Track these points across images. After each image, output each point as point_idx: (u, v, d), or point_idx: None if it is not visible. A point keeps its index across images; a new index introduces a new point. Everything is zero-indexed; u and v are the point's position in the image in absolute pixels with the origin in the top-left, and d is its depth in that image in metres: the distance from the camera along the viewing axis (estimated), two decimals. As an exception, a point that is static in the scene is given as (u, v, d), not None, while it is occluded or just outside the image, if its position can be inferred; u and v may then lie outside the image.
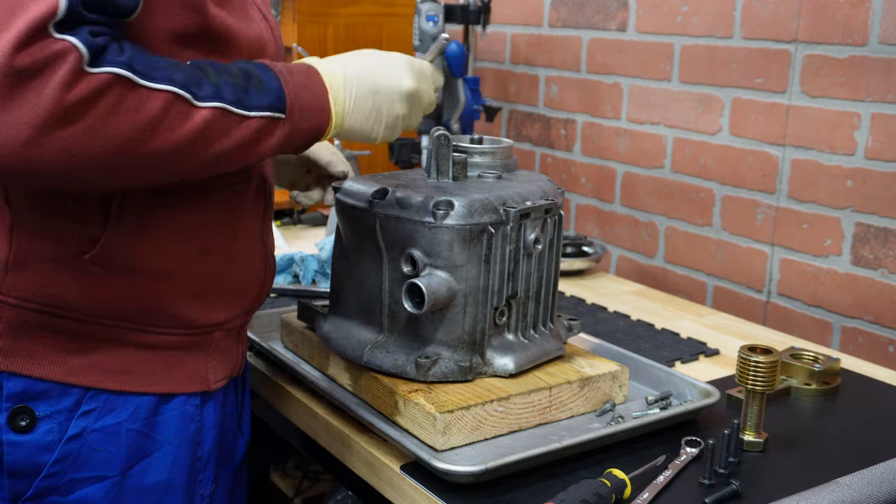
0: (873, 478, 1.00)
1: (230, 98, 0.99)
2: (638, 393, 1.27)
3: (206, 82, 0.98)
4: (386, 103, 1.15)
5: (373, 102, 1.14)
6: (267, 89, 1.03)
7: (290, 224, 2.09)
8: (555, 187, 1.25)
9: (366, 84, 1.14)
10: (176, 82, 0.95)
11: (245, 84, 1.02)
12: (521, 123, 2.34)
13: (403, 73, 1.17)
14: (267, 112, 1.03)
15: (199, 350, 1.15)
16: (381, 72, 1.16)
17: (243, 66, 1.04)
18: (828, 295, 1.70)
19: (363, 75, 1.14)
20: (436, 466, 1.01)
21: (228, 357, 1.20)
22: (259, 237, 1.20)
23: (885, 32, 1.57)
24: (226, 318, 1.17)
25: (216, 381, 1.17)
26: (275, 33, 1.20)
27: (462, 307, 1.14)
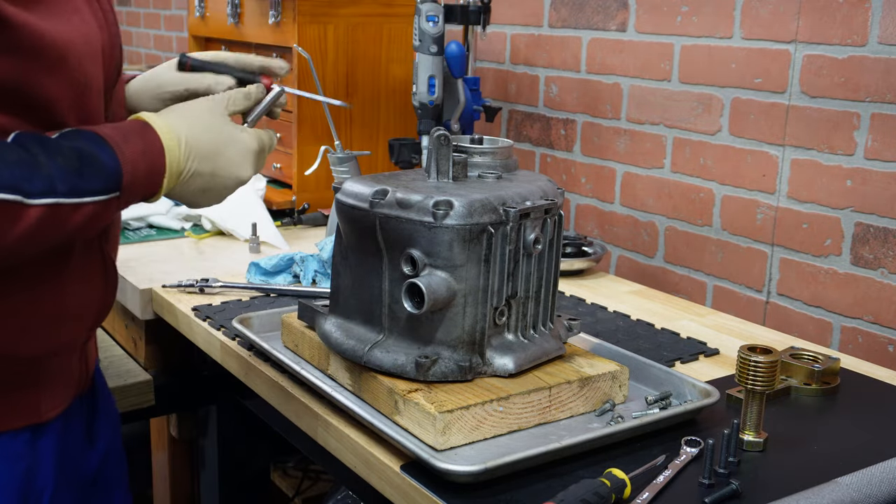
0: (873, 478, 1.00)
1: (63, 189, 0.93)
2: (638, 393, 1.27)
3: (38, 175, 0.91)
4: (220, 185, 1.11)
5: (206, 182, 1.09)
6: (102, 169, 0.96)
7: (289, 224, 2.09)
8: (555, 187, 1.25)
9: (206, 162, 1.08)
10: (3, 184, 0.88)
11: (78, 166, 0.94)
12: (521, 123, 2.34)
13: (245, 163, 1.13)
14: (102, 196, 0.97)
15: (26, 383, 1.06)
16: (224, 154, 1.10)
17: (76, 144, 0.96)
18: (827, 295, 1.70)
19: (205, 152, 1.08)
20: (435, 466, 1.01)
21: (68, 380, 1.12)
22: (98, 250, 1.12)
23: (884, 32, 1.57)
24: (61, 345, 1.08)
25: (50, 409, 1.09)
26: (108, 20, 1.09)
27: (462, 307, 1.14)
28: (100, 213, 0.98)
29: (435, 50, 1.89)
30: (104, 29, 1.07)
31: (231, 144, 1.12)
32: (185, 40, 3.90)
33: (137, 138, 1.01)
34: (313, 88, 2.08)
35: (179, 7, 4.00)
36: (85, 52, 1.02)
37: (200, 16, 2.47)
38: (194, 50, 2.56)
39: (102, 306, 1.15)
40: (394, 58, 2.22)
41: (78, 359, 1.15)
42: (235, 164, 1.11)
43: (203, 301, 1.62)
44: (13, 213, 0.89)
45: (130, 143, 1.00)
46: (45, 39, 0.95)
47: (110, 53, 1.09)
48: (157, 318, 1.69)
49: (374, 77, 2.20)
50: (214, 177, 1.10)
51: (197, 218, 2.05)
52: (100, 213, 0.98)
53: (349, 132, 2.19)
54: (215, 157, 1.09)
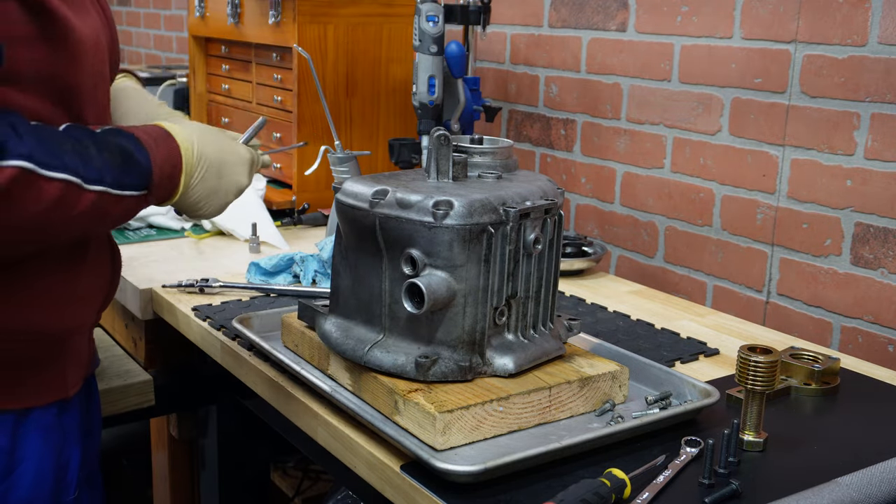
0: (873, 478, 1.00)
1: (109, 180, 1.03)
2: (638, 393, 1.27)
3: (91, 164, 1.01)
4: (224, 190, 1.19)
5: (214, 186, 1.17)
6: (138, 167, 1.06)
7: (290, 224, 2.09)
8: (555, 187, 1.25)
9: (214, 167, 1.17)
10: (68, 166, 0.98)
11: (121, 162, 1.04)
12: (521, 123, 2.34)
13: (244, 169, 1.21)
14: (137, 192, 1.07)
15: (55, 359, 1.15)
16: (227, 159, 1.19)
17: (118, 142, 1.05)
18: (827, 295, 1.70)
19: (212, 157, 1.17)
20: (435, 466, 1.01)
21: (82, 360, 1.21)
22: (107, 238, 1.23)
23: (884, 32, 1.57)
24: (79, 322, 1.17)
25: (73, 385, 1.18)
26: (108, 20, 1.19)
27: (462, 307, 1.14)
28: (133, 209, 1.08)
29: (435, 50, 1.89)
30: (106, 27, 1.16)
31: (232, 153, 1.21)
32: (185, 40, 3.90)
33: (164, 144, 1.11)
34: (313, 88, 2.08)
35: (179, 7, 4.00)
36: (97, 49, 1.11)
37: (200, 16, 2.47)
38: (195, 49, 2.56)
39: (110, 289, 1.24)
40: (394, 58, 2.22)
41: (88, 340, 1.24)
42: (236, 171, 1.20)
43: (203, 301, 1.62)
44: (74, 195, 0.99)
45: (160, 147, 1.10)
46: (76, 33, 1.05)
47: (112, 50, 1.19)
48: (157, 318, 1.69)
49: (374, 77, 2.20)
50: (219, 181, 1.18)
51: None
52: (133, 209, 1.08)
53: (349, 132, 2.19)
54: (220, 164, 1.18)
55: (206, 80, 2.59)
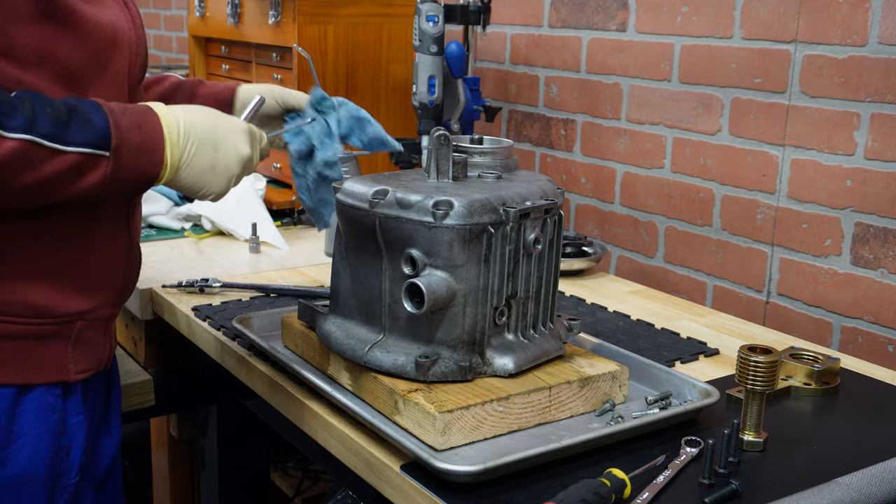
0: (873, 478, 1.00)
1: (44, 131, 1.00)
2: (638, 393, 1.27)
3: (19, 114, 0.99)
4: (223, 162, 1.16)
5: (211, 159, 1.15)
6: (91, 126, 1.04)
7: (290, 224, 2.09)
8: (555, 187, 1.25)
9: (207, 139, 1.15)
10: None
11: (66, 119, 1.02)
12: (521, 123, 2.34)
13: (242, 138, 1.18)
14: (86, 149, 1.04)
15: (58, 339, 1.15)
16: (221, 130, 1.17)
17: (71, 102, 1.05)
18: (827, 295, 1.70)
19: (204, 130, 1.14)
20: (435, 466, 1.01)
21: (94, 349, 1.21)
22: (124, 228, 1.21)
23: (884, 32, 1.57)
24: (88, 308, 1.17)
25: (78, 372, 1.18)
26: (135, 22, 1.20)
27: (462, 307, 1.14)
28: (83, 168, 1.04)
29: (435, 50, 1.89)
30: (132, 28, 1.18)
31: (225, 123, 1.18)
32: (185, 40, 3.90)
33: (135, 115, 1.09)
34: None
35: (179, 7, 4.00)
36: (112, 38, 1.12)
37: (200, 16, 2.47)
38: (195, 49, 2.56)
39: (126, 282, 1.24)
40: (394, 58, 2.22)
41: (103, 333, 1.23)
42: (233, 140, 1.17)
43: (203, 301, 1.62)
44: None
45: (127, 115, 1.08)
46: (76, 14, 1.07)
47: (137, 51, 1.20)
48: (157, 318, 1.69)
49: (374, 77, 2.20)
50: (216, 154, 1.15)
51: (197, 218, 2.05)
52: (83, 168, 1.04)
53: (349, 132, 2.19)
54: (213, 133, 1.15)
55: (206, 80, 2.59)
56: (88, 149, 1.04)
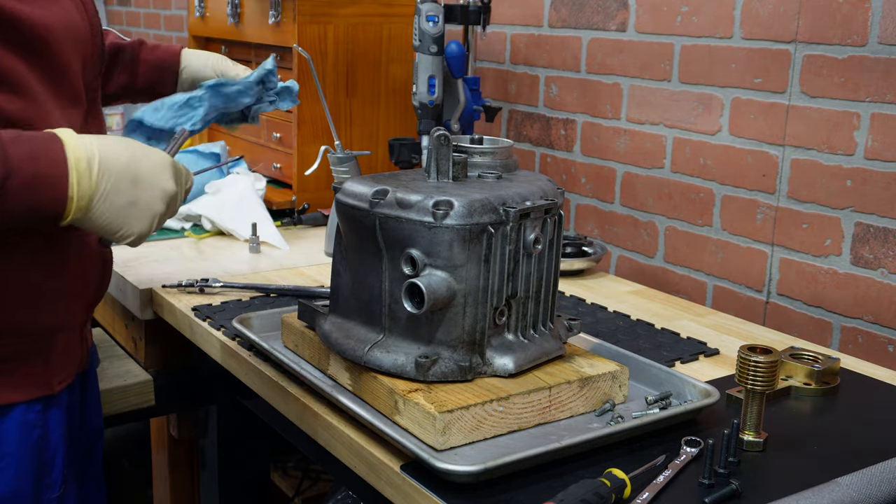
0: (873, 478, 1.00)
1: None
2: (638, 393, 1.27)
3: None
4: (145, 199, 1.06)
5: (130, 195, 1.04)
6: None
7: (290, 224, 2.09)
8: (555, 187, 1.25)
9: (125, 173, 1.04)
10: None
11: None
12: (521, 123, 2.34)
13: (165, 172, 1.08)
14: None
15: (37, 356, 1.14)
16: (143, 163, 1.06)
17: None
18: (827, 295, 1.70)
19: (122, 162, 1.04)
20: (435, 466, 1.01)
21: (72, 356, 1.20)
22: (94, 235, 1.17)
23: (884, 32, 1.57)
24: (64, 321, 1.16)
25: (59, 382, 1.17)
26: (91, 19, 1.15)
27: (462, 307, 1.14)
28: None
29: (435, 50, 1.89)
30: (85, 19, 1.14)
31: (147, 156, 1.08)
32: (185, 40, 3.90)
33: (31, 143, 0.98)
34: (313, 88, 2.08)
35: (179, 7, 4.00)
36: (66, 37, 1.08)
37: (200, 16, 2.47)
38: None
39: (100, 285, 1.23)
40: (394, 58, 2.22)
41: (79, 337, 1.22)
42: (155, 174, 1.07)
43: (203, 301, 1.62)
44: None
45: (19, 144, 0.97)
46: (23, 22, 1.01)
47: (92, 41, 1.16)
48: (157, 318, 1.69)
49: (374, 77, 2.20)
50: (136, 190, 1.05)
51: (197, 218, 2.05)
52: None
53: (349, 132, 2.19)
54: (133, 171, 1.05)
55: (206, 80, 2.59)
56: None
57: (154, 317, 1.69)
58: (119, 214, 1.04)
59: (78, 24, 1.12)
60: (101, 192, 1.02)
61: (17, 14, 1.01)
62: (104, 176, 1.02)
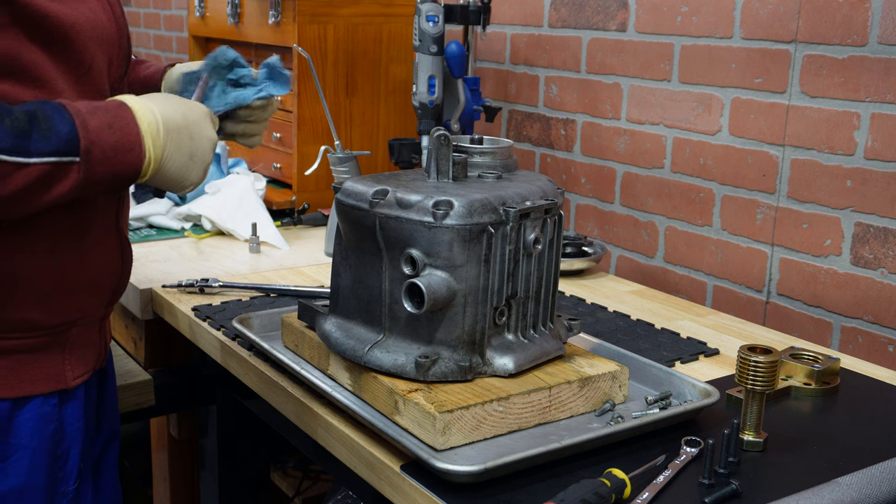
0: (873, 478, 1.00)
1: (4, 145, 0.96)
2: (638, 393, 1.27)
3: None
4: (200, 150, 1.13)
5: (189, 148, 1.12)
6: (55, 132, 0.99)
7: (290, 224, 2.09)
8: (555, 187, 1.25)
9: (184, 129, 1.11)
10: None
11: (28, 128, 0.98)
12: (521, 123, 2.34)
13: (207, 122, 1.16)
14: (52, 157, 0.99)
15: (54, 349, 1.14)
16: (191, 118, 1.13)
17: (31, 108, 1.00)
18: (827, 295, 1.70)
19: (177, 119, 1.11)
20: (435, 466, 1.01)
21: (89, 351, 1.20)
22: (114, 228, 1.19)
23: (884, 32, 1.57)
24: (82, 314, 1.16)
25: (76, 377, 1.17)
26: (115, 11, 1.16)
27: (462, 307, 1.14)
28: (54, 176, 1.00)
29: (435, 50, 1.89)
30: (112, 20, 1.15)
31: (191, 109, 1.15)
32: (185, 40, 3.90)
33: (105, 113, 1.05)
34: (313, 88, 2.08)
35: (179, 7, 4.00)
36: (91, 36, 1.09)
37: (200, 16, 2.47)
38: (195, 50, 2.56)
39: (119, 281, 1.23)
40: (394, 58, 2.22)
41: (98, 333, 1.22)
42: (202, 126, 1.15)
43: (203, 301, 1.62)
44: None
45: (97, 116, 1.03)
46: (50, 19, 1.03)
47: (118, 43, 1.17)
48: (157, 318, 1.69)
49: (374, 77, 2.20)
50: (193, 142, 1.12)
51: (197, 218, 2.05)
52: (54, 176, 1.00)
53: (349, 132, 2.19)
54: (188, 125, 1.12)
55: (206, 80, 2.59)
56: (55, 157, 0.99)
57: (154, 317, 1.69)
58: (182, 167, 1.12)
59: (104, 25, 1.13)
60: (168, 150, 1.10)
61: (44, 10, 1.03)
62: (169, 135, 1.10)
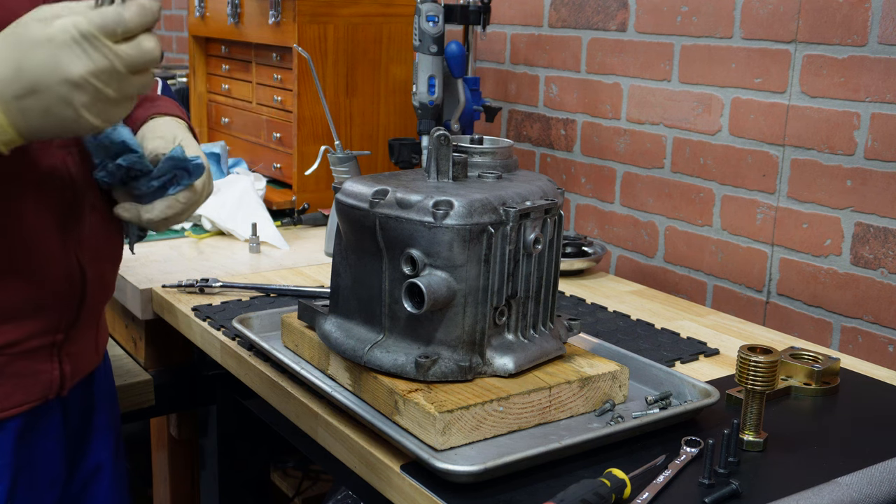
0: (873, 478, 1.00)
1: None
2: (638, 393, 1.27)
3: None
4: (52, 100, 0.85)
5: (38, 103, 0.85)
6: None
7: (290, 224, 2.09)
8: (555, 187, 1.25)
9: (17, 81, 0.85)
10: None
11: None
12: (521, 123, 2.34)
13: (64, 56, 0.84)
14: None
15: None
16: (31, 62, 0.84)
17: None
18: (827, 295, 1.70)
19: (12, 67, 0.84)
20: (435, 466, 1.01)
21: (31, 381, 1.08)
22: (56, 251, 1.05)
23: (884, 32, 1.57)
24: (9, 341, 1.04)
25: (6, 408, 1.06)
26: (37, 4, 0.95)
27: (462, 307, 1.14)
28: None
29: (435, 50, 1.89)
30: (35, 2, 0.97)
31: (37, 44, 0.85)
32: (185, 40, 3.90)
33: None
34: (313, 88, 2.08)
35: (179, 7, 4.00)
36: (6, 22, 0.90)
37: (200, 16, 2.47)
38: (195, 49, 2.56)
39: (67, 306, 1.09)
40: (394, 58, 2.22)
41: (48, 362, 1.10)
42: (51, 61, 0.84)
43: (203, 301, 1.62)
44: None
45: None
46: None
47: None
48: (157, 318, 1.69)
49: (374, 77, 2.20)
50: (37, 94, 0.85)
51: (197, 218, 2.05)
52: None
53: (349, 132, 2.19)
54: (22, 68, 0.85)
55: (206, 80, 2.59)
56: None
57: (154, 317, 1.69)
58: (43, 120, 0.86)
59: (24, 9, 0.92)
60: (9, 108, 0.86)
61: None
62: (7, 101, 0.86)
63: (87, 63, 0.84)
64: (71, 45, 0.84)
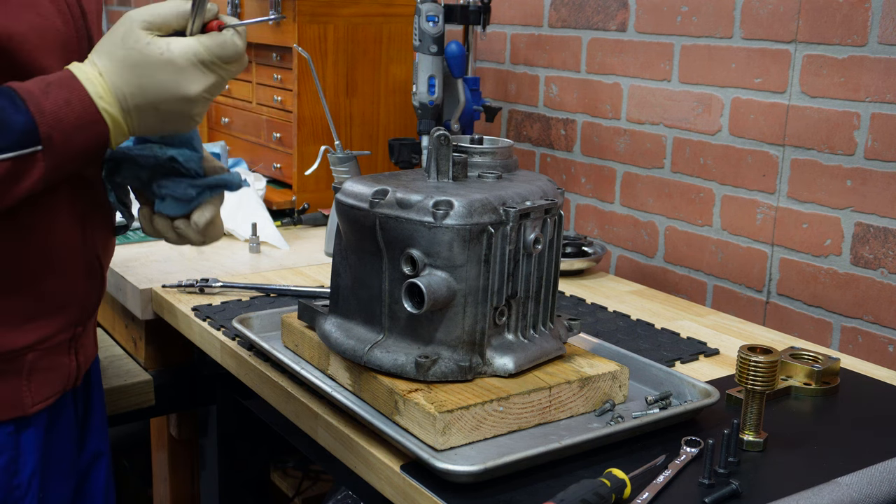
0: (873, 478, 1.00)
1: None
2: (638, 393, 1.27)
3: None
4: (173, 113, 0.99)
5: (158, 116, 0.99)
6: (9, 126, 0.91)
7: (290, 224, 2.09)
8: (555, 187, 1.25)
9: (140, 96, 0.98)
10: None
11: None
12: (521, 123, 2.34)
13: (185, 78, 0.98)
14: (12, 153, 0.91)
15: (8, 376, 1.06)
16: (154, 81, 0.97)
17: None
18: (827, 295, 1.70)
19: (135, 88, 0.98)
20: (435, 466, 1.01)
21: (55, 374, 1.11)
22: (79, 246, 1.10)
23: (884, 32, 1.57)
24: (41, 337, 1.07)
25: (36, 403, 1.09)
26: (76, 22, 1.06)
27: (462, 307, 1.14)
28: (21, 172, 0.92)
29: (435, 50, 1.89)
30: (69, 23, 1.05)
31: (159, 67, 0.97)
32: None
33: (60, 89, 0.95)
34: (313, 88, 2.08)
35: (179, 7, 4.00)
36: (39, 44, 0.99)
37: (200, 16, 2.47)
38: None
39: (86, 301, 1.14)
40: (394, 58, 2.22)
41: (66, 355, 1.13)
42: (173, 83, 0.97)
43: (203, 301, 1.62)
44: None
45: (51, 94, 0.94)
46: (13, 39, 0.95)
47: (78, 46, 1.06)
48: (157, 318, 1.69)
49: (374, 77, 2.20)
50: (158, 109, 0.99)
51: (197, 218, 2.04)
52: (21, 172, 0.92)
53: (349, 132, 2.19)
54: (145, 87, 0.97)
55: (206, 80, 2.59)
56: (15, 152, 0.91)
57: (154, 317, 1.69)
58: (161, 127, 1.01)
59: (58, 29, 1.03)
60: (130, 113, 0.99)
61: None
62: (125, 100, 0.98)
63: (205, 83, 0.99)
64: (191, 69, 0.98)
